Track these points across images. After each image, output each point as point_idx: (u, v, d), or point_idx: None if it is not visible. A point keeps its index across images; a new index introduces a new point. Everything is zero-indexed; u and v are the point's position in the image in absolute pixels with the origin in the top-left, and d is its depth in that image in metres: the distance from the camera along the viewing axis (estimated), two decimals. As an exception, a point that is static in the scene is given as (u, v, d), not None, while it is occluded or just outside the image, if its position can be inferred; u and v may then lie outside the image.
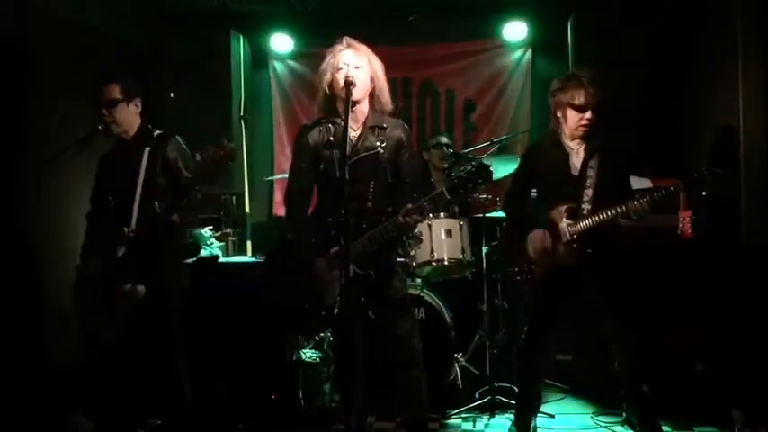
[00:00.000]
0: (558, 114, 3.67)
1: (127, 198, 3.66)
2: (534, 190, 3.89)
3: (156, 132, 3.81)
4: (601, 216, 3.49)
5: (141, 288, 3.58)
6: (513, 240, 3.84)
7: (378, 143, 3.40)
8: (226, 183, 5.25)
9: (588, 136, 3.62)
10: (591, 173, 3.60)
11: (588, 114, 3.57)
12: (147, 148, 3.71)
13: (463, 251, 4.51)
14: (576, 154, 3.66)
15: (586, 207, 3.57)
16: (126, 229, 3.61)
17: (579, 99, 3.56)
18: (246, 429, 4.23)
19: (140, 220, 3.62)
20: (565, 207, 3.60)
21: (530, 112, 5.90)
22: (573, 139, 3.66)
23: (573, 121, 3.61)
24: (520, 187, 3.92)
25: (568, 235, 3.58)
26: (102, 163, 3.88)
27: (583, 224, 3.54)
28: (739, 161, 4.10)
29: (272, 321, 4.22)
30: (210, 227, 4.88)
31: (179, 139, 3.82)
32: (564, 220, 3.59)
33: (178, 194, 3.58)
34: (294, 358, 4.54)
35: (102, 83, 3.73)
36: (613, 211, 3.45)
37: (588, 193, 3.59)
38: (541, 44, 5.87)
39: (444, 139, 5.35)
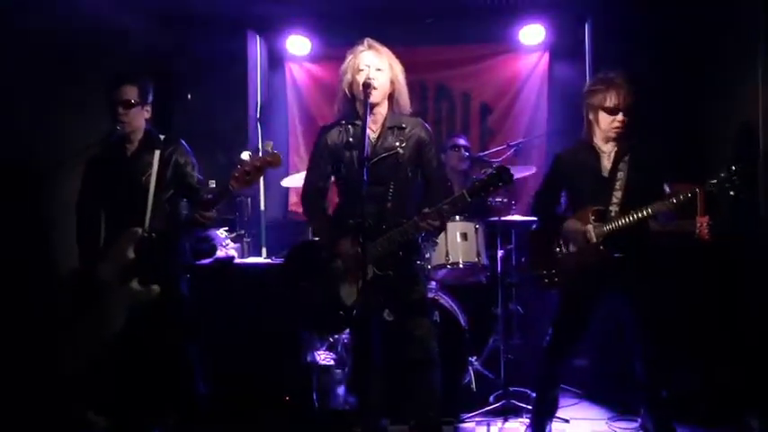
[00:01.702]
0: (591, 117, 3.66)
1: (135, 199, 3.69)
2: (563, 193, 3.85)
3: (162, 137, 3.86)
4: (627, 219, 3.46)
5: (156, 287, 3.59)
6: (541, 243, 3.83)
7: (397, 143, 3.40)
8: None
9: (621, 138, 3.61)
10: (621, 175, 3.57)
11: (620, 116, 3.55)
12: (157, 151, 3.76)
13: (478, 254, 4.51)
14: (608, 156, 3.64)
15: (614, 209, 3.55)
16: (140, 229, 3.63)
17: (611, 101, 3.55)
18: (260, 429, 4.24)
19: (154, 220, 3.66)
20: (593, 209, 3.58)
21: (547, 116, 5.87)
22: (606, 141, 3.64)
23: (605, 123, 3.59)
24: (549, 189, 3.89)
25: (594, 238, 3.55)
26: (95, 164, 3.87)
27: (609, 227, 3.52)
28: (758, 159, 4.06)
29: (292, 322, 4.22)
30: (226, 228, 4.89)
31: (184, 143, 3.91)
32: (591, 221, 3.57)
33: (189, 196, 3.74)
34: (308, 360, 4.54)
35: (122, 83, 3.76)
36: (640, 214, 3.42)
37: (617, 195, 3.56)
38: (559, 48, 5.83)
39: (462, 141, 5.34)
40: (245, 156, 3.37)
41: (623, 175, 3.57)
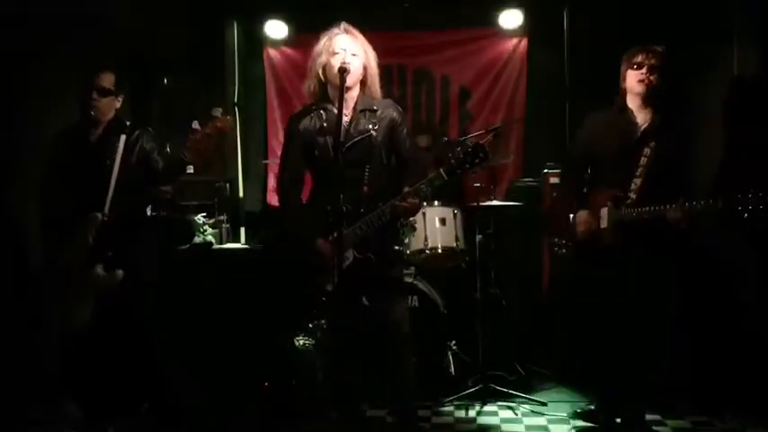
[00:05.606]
0: (624, 84, 3.64)
1: (98, 184, 3.65)
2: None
3: (128, 123, 3.83)
4: (638, 212, 3.44)
5: (119, 272, 3.57)
6: (560, 211, 3.82)
7: (370, 126, 3.36)
8: (219, 169, 5.26)
9: (649, 98, 3.58)
10: (644, 161, 3.53)
11: (644, 71, 3.55)
12: (123, 136, 3.72)
13: (457, 239, 4.53)
14: (639, 130, 3.59)
15: (632, 196, 3.53)
16: (99, 214, 3.60)
17: (637, 58, 3.57)
18: (239, 416, 4.24)
19: (114, 205, 3.63)
20: (612, 194, 3.55)
21: (525, 101, 5.87)
22: (637, 105, 3.60)
23: (632, 80, 3.59)
24: (578, 155, 3.86)
25: (606, 222, 3.54)
26: (58, 148, 3.82)
27: (623, 214, 3.50)
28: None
29: (271, 308, 4.22)
30: (204, 214, 4.86)
31: (151, 130, 3.87)
32: (608, 204, 3.55)
33: (153, 183, 3.70)
34: (288, 345, 4.54)
35: (100, 69, 3.72)
36: (652, 211, 3.38)
37: (637, 182, 3.54)
38: (538, 32, 5.81)
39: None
40: (195, 124, 3.35)
41: (646, 161, 3.51)
